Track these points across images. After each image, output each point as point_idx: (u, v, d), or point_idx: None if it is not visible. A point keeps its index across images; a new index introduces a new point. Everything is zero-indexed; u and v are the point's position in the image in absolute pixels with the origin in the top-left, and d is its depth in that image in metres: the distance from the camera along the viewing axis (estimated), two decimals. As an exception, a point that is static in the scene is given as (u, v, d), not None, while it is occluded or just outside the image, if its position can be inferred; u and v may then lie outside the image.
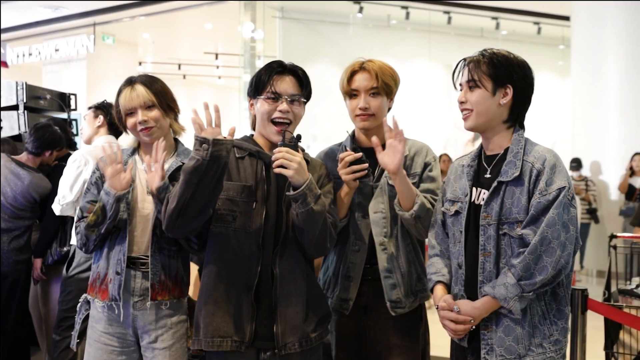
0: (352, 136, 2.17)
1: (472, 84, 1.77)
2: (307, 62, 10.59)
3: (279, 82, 1.90)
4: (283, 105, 1.89)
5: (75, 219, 2.10)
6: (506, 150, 1.78)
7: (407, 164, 2.06)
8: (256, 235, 1.85)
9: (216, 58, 13.88)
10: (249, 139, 1.99)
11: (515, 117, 1.80)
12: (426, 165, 2.09)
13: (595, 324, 2.67)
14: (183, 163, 2.04)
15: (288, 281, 1.86)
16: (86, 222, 2.00)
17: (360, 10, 10.15)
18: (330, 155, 2.16)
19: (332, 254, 2.15)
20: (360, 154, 1.96)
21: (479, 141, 1.91)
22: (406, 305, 2.05)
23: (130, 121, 2.07)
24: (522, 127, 1.83)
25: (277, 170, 1.79)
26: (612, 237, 3.48)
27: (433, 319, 1.98)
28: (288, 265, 1.87)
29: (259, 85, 1.91)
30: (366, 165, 1.95)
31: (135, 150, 2.15)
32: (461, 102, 1.81)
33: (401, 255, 2.06)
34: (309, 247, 1.88)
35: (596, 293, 3.57)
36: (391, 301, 2.04)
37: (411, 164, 2.09)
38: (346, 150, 1.98)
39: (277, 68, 1.92)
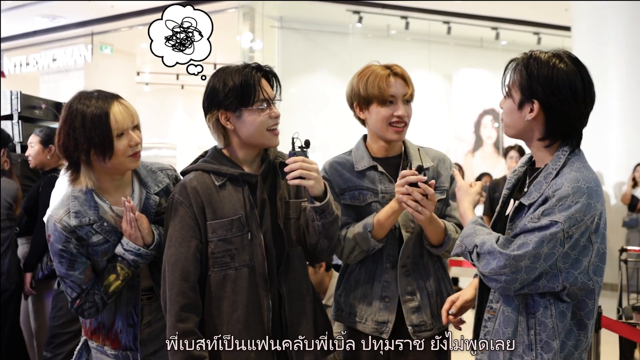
0: (365, 146, 1.97)
1: (506, 91, 1.55)
2: (306, 72, 10.57)
3: (265, 87, 1.69)
4: (276, 110, 1.70)
5: (71, 297, 1.74)
6: (546, 166, 1.52)
7: (433, 176, 1.91)
8: (260, 266, 1.68)
9: (214, 68, 13.80)
10: (222, 156, 1.74)
11: (552, 134, 1.49)
12: (451, 179, 1.97)
13: (606, 339, 2.59)
14: (156, 191, 1.81)
15: (296, 299, 1.75)
16: (108, 291, 1.71)
17: (360, 20, 10.10)
18: (340, 165, 1.96)
19: (358, 275, 1.94)
20: (425, 177, 1.74)
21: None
22: (434, 327, 1.90)
23: (122, 144, 1.68)
24: (573, 144, 1.51)
25: (294, 182, 1.63)
26: (623, 250, 3.39)
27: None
28: (293, 283, 1.75)
29: (246, 95, 1.65)
30: (432, 193, 1.74)
31: (91, 192, 1.72)
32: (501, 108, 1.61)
33: (429, 274, 1.92)
34: (324, 253, 1.77)
35: (605, 307, 3.48)
36: (413, 325, 1.88)
37: (438, 176, 1.95)
38: (410, 169, 1.75)
39: (256, 72, 1.69)
